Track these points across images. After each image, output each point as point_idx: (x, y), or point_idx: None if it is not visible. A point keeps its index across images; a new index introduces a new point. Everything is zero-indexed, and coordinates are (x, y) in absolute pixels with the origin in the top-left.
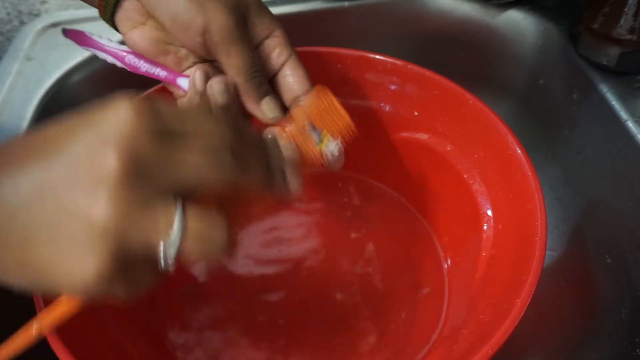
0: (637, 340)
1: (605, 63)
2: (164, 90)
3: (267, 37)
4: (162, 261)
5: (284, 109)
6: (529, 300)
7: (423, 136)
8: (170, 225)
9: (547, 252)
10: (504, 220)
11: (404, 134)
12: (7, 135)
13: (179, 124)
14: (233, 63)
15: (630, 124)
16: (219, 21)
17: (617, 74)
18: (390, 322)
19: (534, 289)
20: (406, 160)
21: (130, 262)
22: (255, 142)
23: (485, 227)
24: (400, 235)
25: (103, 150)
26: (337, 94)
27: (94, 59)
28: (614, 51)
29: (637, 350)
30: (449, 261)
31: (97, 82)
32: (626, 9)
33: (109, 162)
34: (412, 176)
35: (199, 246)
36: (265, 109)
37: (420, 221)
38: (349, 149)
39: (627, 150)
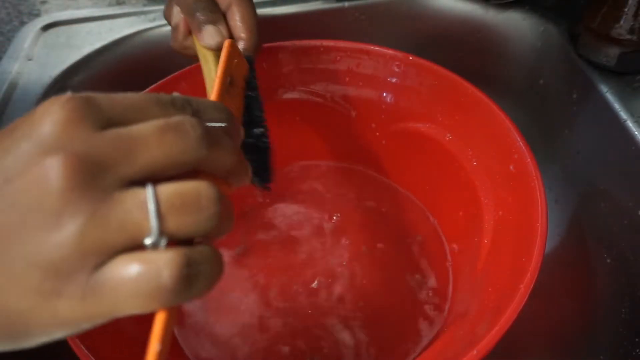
0: (637, 340)
1: (605, 63)
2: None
3: None
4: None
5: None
6: (532, 285)
7: (423, 126)
8: (143, 208)
9: (546, 252)
10: (505, 208)
11: (404, 124)
12: None
13: (122, 110)
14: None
15: (630, 124)
16: None
17: (617, 74)
18: (394, 310)
19: (536, 275)
20: (406, 150)
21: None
22: (209, 109)
23: (486, 215)
24: (402, 224)
25: (39, 156)
26: (337, 86)
27: (94, 59)
28: (614, 51)
29: (637, 350)
30: (452, 248)
31: (97, 82)
32: (626, 9)
33: (49, 167)
34: (412, 166)
35: (189, 214)
36: (204, 35)
37: (422, 210)
38: (348, 140)
39: (627, 150)
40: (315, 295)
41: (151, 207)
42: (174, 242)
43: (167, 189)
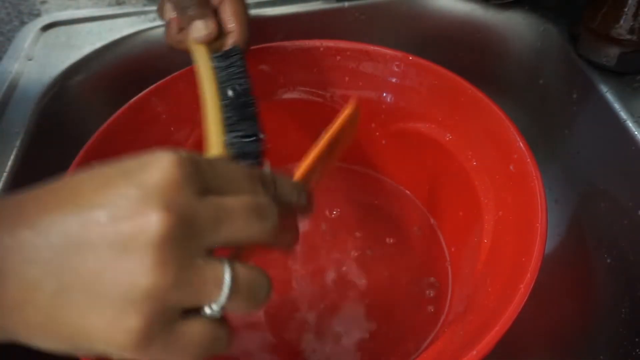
0: (637, 340)
1: (605, 63)
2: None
3: None
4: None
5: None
6: (532, 285)
7: (423, 126)
8: (219, 284)
9: (546, 253)
10: (505, 208)
11: (404, 124)
12: (7, 135)
13: (220, 180)
14: None
15: (630, 124)
16: None
17: (617, 74)
18: (394, 310)
19: (536, 275)
20: (406, 150)
21: (172, 325)
22: (286, 197)
23: (486, 215)
24: (401, 224)
25: (146, 207)
26: (337, 86)
27: (94, 59)
28: (614, 51)
29: (637, 350)
30: (451, 249)
31: (97, 82)
32: (626, 9)
33: (153, 219)
34: (412, 166)
35: (248, 301)
36: (192, 29)
37: (422, 210)
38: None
39: (627, 150)
40: (314, 295)
41: (226, 286)
42: None
43: (241, 275)
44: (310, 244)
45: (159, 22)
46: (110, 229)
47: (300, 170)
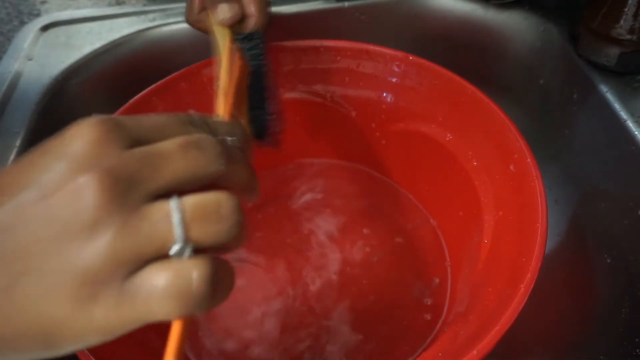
0: (637, 340)
1: (605, 63)
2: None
3: None
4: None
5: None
6: (532, 285)
7: (423, 126)
8: (167, 219)
9: (546, 253)
10: (505, 208)
11: (404, 124)
12: (7, 135)
13: (147, 130)
14: None
15: (630, 124)
16: None
17: (617, 74)
18: (394, 310)
19: (536, 275)
20: (406, 150)
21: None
22: (222, 128)
23: (486, 215)
24: (402, 224)
25: (73, 174)
26: (337, 86)
27: (94, 59)
28: (614, 51)
29: (637, 350)
30: (451, 249)
31: (97, 82)
32: (626, 9)
33: (83, 185)
34: (412, 166)
35: (215, 224)
36: (218, 11)
37: (422, 210)
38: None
39: (627, 150)
40: (314, 295)
41: (176, 217)
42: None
43: (191, 200)
44: (309, 244)
45: (159, 22)
46: (42, 205)
47: (220, 106)
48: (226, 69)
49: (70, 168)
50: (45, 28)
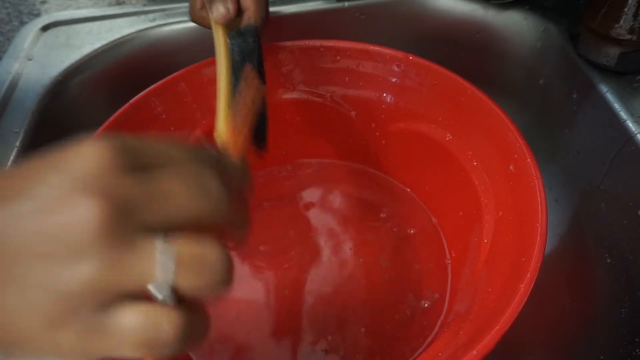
0: (637, 340)
1: (605, 63)
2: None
3: None
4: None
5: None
6: (532, 285)
7: (423, 126)
8: (153, 260)
9: (546, 253)
10: (505, 208)
11: (404, 124)
12: (7, 135)
13: (156, 157)
14: None
15: (630, 124)
16: None
17: (617, 74)
18: (394, 310)
19: (536, 275)
20: (406, 150)
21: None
22: (228, 169)
23: (486, 215)
24: (402, 224)
25: (77, 198)
26: (337, 86)
27: (94, 59)
28: (614, 51)
29: (637, 350)
30: (452, 248)
31: (97, 82)
32: (626, 9)
33: (87, 213)
34: (412, 166)
35: (198, 275)
36: (212, 9)
37: (422, 210)
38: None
39: (627, 150)
40: (314, 294)
41: (163, 259)
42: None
43: (184, 247)
44: (309, 243)
45: (159, 22)
46: (38, 218)
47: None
48: (227, 67)
49: (72, 186)
50: (45, 28)
